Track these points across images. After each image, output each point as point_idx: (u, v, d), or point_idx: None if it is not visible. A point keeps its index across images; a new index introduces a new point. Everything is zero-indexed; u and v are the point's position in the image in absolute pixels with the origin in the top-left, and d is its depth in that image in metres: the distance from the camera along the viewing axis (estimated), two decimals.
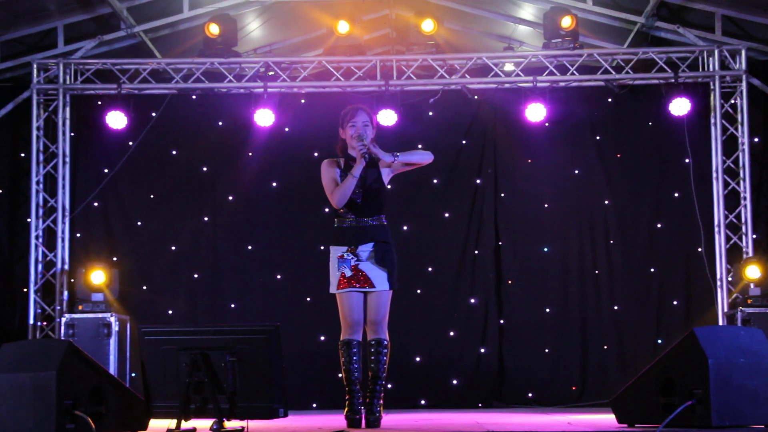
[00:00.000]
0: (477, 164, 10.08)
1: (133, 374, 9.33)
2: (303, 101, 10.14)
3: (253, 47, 10.34)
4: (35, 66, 9.71)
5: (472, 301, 9.91)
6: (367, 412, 5.76)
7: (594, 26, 10.00)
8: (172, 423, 4.88)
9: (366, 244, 5.74)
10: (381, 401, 5.82)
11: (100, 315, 9.09)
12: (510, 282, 9.92)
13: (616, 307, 9.82)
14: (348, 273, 5.72)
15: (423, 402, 9.67)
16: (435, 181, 10.08)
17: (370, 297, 5.75)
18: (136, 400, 5.32)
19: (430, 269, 9.98)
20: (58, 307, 9.51)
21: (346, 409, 5.72)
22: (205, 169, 10.11)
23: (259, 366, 4.82)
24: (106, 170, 9.91)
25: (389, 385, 9.37)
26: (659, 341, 9.66)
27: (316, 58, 9.99)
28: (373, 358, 5.75)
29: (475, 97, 9.91)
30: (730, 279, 9.43)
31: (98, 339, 8.99)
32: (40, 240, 9.71)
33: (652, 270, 9.83)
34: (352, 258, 5.73)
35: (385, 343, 5.76)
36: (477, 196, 10.03)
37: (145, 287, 9.91)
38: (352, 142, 5.79)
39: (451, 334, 9.86)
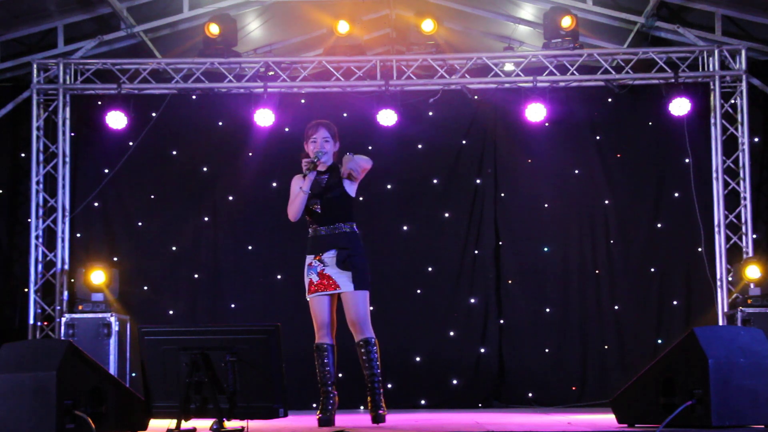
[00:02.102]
0: (477, 164, 10.08)
1: (133, 374, 9.33)
2: (303, 101, 10.14)
3: (253, 47, 10.34)
4: (35, 66, 9.71)
5: (472, 301, 9.91)
6: (372, 409, 5.97)
7: (594, 26, 10.00)
8: (172, 423, 4.88)
9: (329, 252, 5.97)
10: (382, 396, 6.01)
11: (100, 315, 9.09)
12: (510, 282, 9.92)
13: (616, 307, 9.82)
14: (315, 279, 5.98)
15: (423, 402, 9.67)
16: (435, 181, 10.08)
17: (343, 300, 5.99)
18: (136, 400, 5.32)
19: (430, 269, 9.98)
20: (58, 307, 9.51)
21: (318, 411, 5.98)
22: (205, 169, 10.11)
23: (259, 366, 4.82)
24: (106, 170, 9.91)
25: (389, 385, 9.38)
26: (659, 341, 9.65)
27: (316, 58, 9.99)
28: (364, 358, 5.98)
29: (475, 97, 9.91)
30: (730, 279, 9.43)
31: (98, 339, 8.99)
32: (40, 240, 9.71)
33: (652, 270, 9.83)
34: (319, 264, 5.98)
35: (372, 341, 5.99)
36: (477, 196, 10.03)
37: (145, 287, 9.91)
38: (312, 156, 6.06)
39: (451, 334, 9.85)
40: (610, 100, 9.99)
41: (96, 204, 9.94)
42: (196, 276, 9.97)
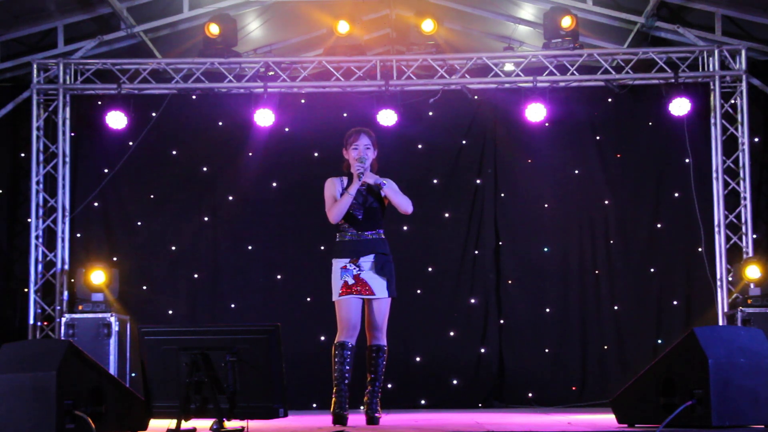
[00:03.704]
0: (477, 164, 10.08)
1: (133, 374, 9.33)
2: (303, 101, 10.14)
3: (253, 47, 10.34)
4: (35, 66, 9.71)
5: (472, 301, 9.91)
6: (368, 410, 6.10)
7: (594, 26, 10.00)
8: (172, 423, 4.88)
9: (367, 256, 6.10)
10: (379, 399, 6.16)
11: (100, 315, 9.09)
12: (510, 282, 9.92)
13: (616, 307, 9.82)
14: (350, 281, 6.06)
15: (423, 402, 9.67)
16: (435, 181, 10.08)
17: (372, 304, 6.09)
18: (136, 400, 5.32)
19: (430, 269, 9.98)
20: (58, 307, 9.51)
21: (333, 406, 6.02)
22: (205, 169, 10.11)
23: (259, 366, 4.82)
24: (106, 170, 9.91)
25: (389, 385, 9.38)
26: (659, 341, 9.66)
27: (316, 58, 9.99)
28: (373, 362, 6.13)
29: (475, 97, 9.91)
30: (730, 279, 9.43)
31: (98, 339, 8.98)
32: (40, 240, 9.71)
33: (652, 270, 9.83)
34: (354, 268, 6.08)
35: (385, 348, 6.16)
36: (477, 196, 10.03)
37: (145, 287, 9.91)
38: (353, 162, 6.14)
39: (451, 334, 9.85)
40: (610, 100, 9.99)
41: (96, 204, 9.94)
42: (196, 276, 9.97)
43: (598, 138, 10.05)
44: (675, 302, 9.78)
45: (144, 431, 5.36)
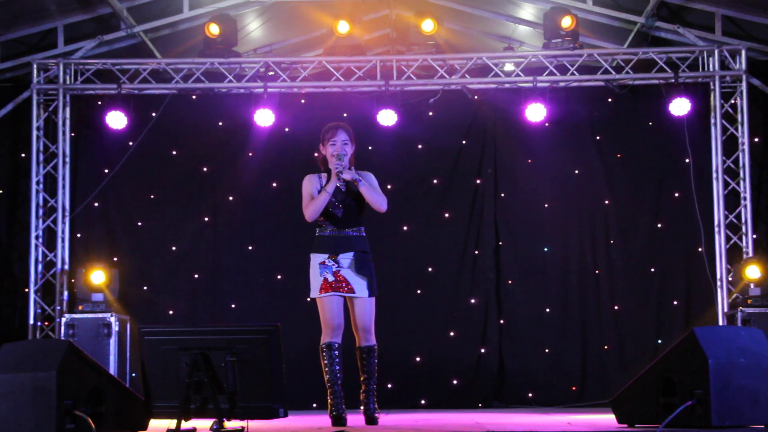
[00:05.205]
0: (477, 164, 10.08)
1: (133, 374, 9.33)
2: (303, 101, 10.14)
3: (253, 47, 10.34)
4: (35, 66, 9.71)
5: (472, 301, 9.91)
6: (366, 410, 6.07)
7: (594, 26, 10.01)
8: (172, 423, 4.88)
9: (347, 253, 6.02)
10: (376, 398, 6.14)
11: (100, 315, 9.09)
12: (510, 282, 9.92)
13: (616, 307, 9.82)
14: (330, 278, 5.99)
15: (423, 402, 9.67)
16: (435, 181, 10.08)
17: (356, 305, 6.03)
18: (136, 400, 5.33)
19: (430, 269, 9.98)
20: (58, 307, 9.51)
21: (330, 409, 5.99)
22: (205, 169, 10.11)
23: (259, 366, 4.82)
24: (106, 170, 9.91)
25: (389, 385, 9.38)
26: (659, 341, 9.66)
27: (316, 58, 9.99)
28: (364, 363, 6.09)
29: (475, 97, 9.91)
30: (730, 279, 9.43)
31: (98, 339, 8.99)
32: (40, 240, 9.71)
33: (652, 270, 9.83)
34: (333, 264, 6.01)
35: (375, 348, 6.12)
36: (477, 196, 10.03)
37: (145, 287, 9.91)
38: (331, 159, 6.03)
39: (451, 334, 9.85)
40: (610, 100, 9.99)
41: (96, 204, 9.94)
42: (196, 276, 9.97)
43: (598, 138, 10.05)
44: (675, 302, 9.78)
45: (144, 431, 5.37)
